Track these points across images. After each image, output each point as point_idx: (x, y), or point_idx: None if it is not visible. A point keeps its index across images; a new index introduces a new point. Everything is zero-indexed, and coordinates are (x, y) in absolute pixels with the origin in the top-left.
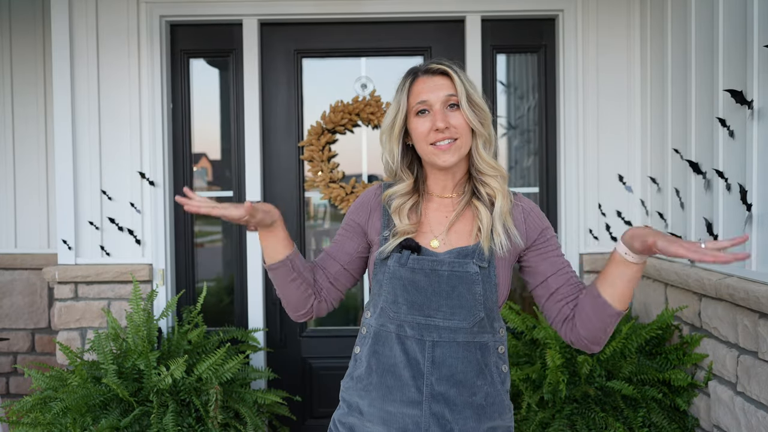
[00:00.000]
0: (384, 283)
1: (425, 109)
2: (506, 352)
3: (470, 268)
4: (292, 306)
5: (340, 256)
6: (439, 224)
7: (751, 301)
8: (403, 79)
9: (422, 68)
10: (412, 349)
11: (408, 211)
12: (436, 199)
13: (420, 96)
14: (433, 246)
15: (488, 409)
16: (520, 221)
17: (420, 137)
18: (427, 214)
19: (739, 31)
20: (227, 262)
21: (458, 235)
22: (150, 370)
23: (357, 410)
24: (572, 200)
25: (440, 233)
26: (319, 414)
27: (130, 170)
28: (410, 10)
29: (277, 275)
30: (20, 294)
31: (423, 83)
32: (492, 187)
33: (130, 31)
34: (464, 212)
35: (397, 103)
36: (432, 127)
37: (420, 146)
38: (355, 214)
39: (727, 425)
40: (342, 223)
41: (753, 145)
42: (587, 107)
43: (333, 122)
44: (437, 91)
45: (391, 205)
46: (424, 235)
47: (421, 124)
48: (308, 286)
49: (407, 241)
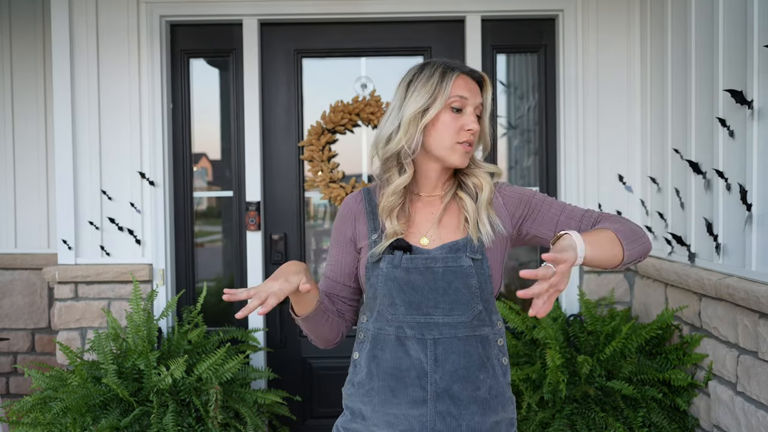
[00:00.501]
0: (379, 286)
1: (461, 108)
2: (505, 345)
3: (464, 261)
4: (324, 340)
5: (343, 278)
6: (426, 221)
7: (751, 301)
8: (442, 71)
9: (464, 69)
10: (413, 349)
11: (398, 212)
12: (422, 198)
13: (463, 93)
14: (423, 244)
15: (492, 402)
16: (500, 205)
17: (450, 132)
18: (413, 213)
19: (739, 31)
20: (227, 262)
21: (447, 229)
22: (150, 370)
23: (360, 416)
24: (572, 200)
25: (428, 230)
26: (319, 414)
27: (130, 170)
28: (410, 9)
29: (309, 322)
30: (20, 294)
31: (465, 83)
32: (479, 178)
33: (130, 31)
34: (450, 206)
35: (433, 91)
36: (464, 126)
37: (442, 140)
38: (341, 228)
39: (727, 425)
40: (331, 240)
41: (753, 145)
42: (587, 107)
43: (333, 122)
44: (475, 96)
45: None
46: (412, 234)
47: (454, 120)
48: (335, 315)
49: (398, 242)
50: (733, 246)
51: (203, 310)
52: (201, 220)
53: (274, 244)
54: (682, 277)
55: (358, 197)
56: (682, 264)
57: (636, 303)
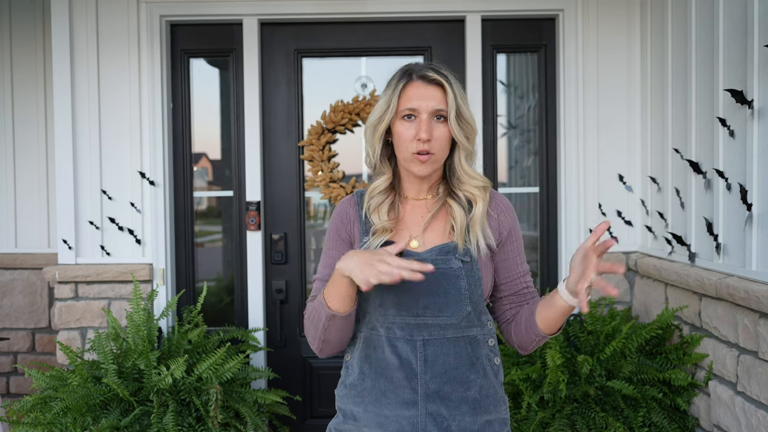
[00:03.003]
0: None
1: (413, 115)
2: (497, 345)
3: (453, 263)
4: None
5: None
6: (416, 224)
7: (752, 300)
8: (397, 77)
9: (418, 72)
10: (403, 350)
11: (387, 209)
12: (411, 201)
13: (411, 102)
14: (413, 247)
15: (483, 402)
16: (494, 218)
17: (403, 142)
18: (403, 214)
19: (740, 31)
20: (227, 261)
21: (434, 233)
22: (150, 370)
23: (352, 417)
24: (572, 200)
25: (417, 234)
26: (319, 414)
27: (130, 170)
28: (410, 9)
29: (348, 319)
30: (20, 294)
31: (416, 89)
32: (471, 192)
33: (131, 31)
34: (439, 212)
35: (386, 101)
36: (416, 135)
37: (400, 150)
38: (338, 229)
39: (727, 425)
40: (327, 242)
41: (753, 145)
42: (587, 107)
43: (333, 122)
44: (428, 101)
45: (371, 205)
46: (401, 231)
47: (405, 129)
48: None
49: (387, 244)
50: (733, 246)
51: (203, 310)
52: (201, 220)
53: (274, 244)
54: (683, 276)
55: (351, 201)
56: (682, 264)
57: (636, 303)
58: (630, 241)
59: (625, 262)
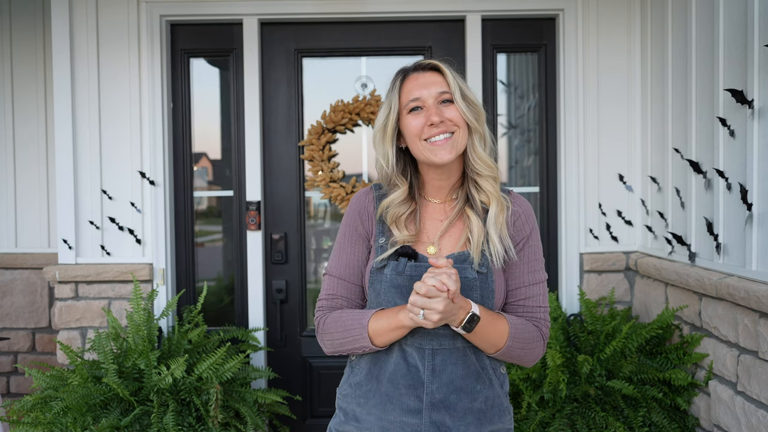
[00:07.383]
0: (382, 291)
1: (418, 107)
2: None
3: (468, 273)
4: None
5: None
6: (436, 230)
7: (752, 300)
8: (394, 78)
9: (412, 66)
10: (412, 358)
11: (406, 220)
12: (432, 204)
13: (412, 93)
14: (430, 252)
15: (488, 413)
16: (509, 224)
17: (414, 134)
18: (424, 221)
19: (740, 31)
20: (228, 261)
21: (451, 240)
22: (150, 370)
23: (354, 418)
24: (572, 200)
25: (434, 239)
26: (319, 413)
27: (130, 170)
28: (410, 9)
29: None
30: (21, 293)
31: (414, 80)
32: (487, 192)
33: (131, 31)
34: (456, 221)
35: (388, 102)
36: (426, 122)
37: (414, 145)
38: (354, 224)
39: (727, 425)
40: (341, 237)
41: (753, 145)
42: (587, 106)
43: (333, 122)
44: (430, 87)
45: (388, 214)
46: (421, 242)
47: (414, 120)
48: None
49: (404, 249)
50: (733, 245)
51: (203, 310)
52: (201, 220)
53: (274, 244)
54: (683, 276)
55: (369, 195)
56: (682, 263)
57: (636, 302)
58: (630, 241)
59: (625, 261)
